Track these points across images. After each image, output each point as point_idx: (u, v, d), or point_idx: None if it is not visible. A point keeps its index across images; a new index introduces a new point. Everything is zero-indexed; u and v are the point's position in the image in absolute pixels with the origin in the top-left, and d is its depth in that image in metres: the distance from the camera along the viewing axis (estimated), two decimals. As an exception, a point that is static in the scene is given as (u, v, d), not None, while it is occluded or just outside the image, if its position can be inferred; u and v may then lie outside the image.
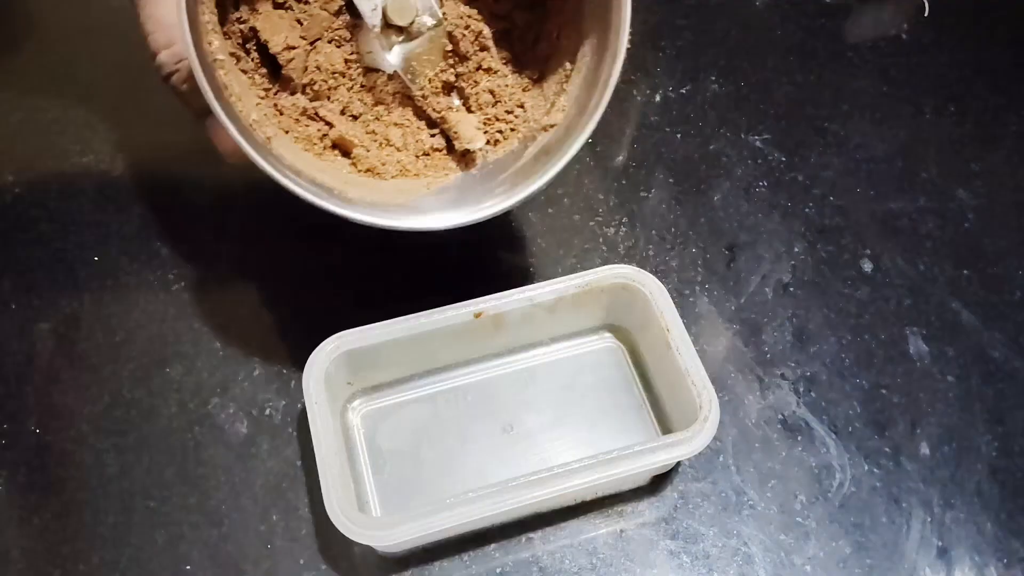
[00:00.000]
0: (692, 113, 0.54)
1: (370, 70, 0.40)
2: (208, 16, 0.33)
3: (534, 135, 0.40)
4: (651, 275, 0.40)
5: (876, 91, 0.56)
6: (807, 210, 0.50)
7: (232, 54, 0.36)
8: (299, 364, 0.37)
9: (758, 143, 0.53)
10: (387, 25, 0.38)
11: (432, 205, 0.38)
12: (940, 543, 0.38)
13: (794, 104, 0.55)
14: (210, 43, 0.33)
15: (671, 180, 0.51)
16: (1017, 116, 0.55)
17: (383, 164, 0.40)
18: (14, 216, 0.48)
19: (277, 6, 0.38)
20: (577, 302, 0.41)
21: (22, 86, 0.54)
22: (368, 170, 0.40)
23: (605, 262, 0.45)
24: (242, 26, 0.37)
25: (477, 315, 0.39)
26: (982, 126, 0.54)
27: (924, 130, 0.54)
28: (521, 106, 0.41)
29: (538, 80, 0.41)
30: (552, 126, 0.39)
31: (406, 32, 0.38)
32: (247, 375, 0.42)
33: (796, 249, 0.48)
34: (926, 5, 0.61)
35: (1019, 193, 0.51)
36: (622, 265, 0.41)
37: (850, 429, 0.41)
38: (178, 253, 0.46)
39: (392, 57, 0.39)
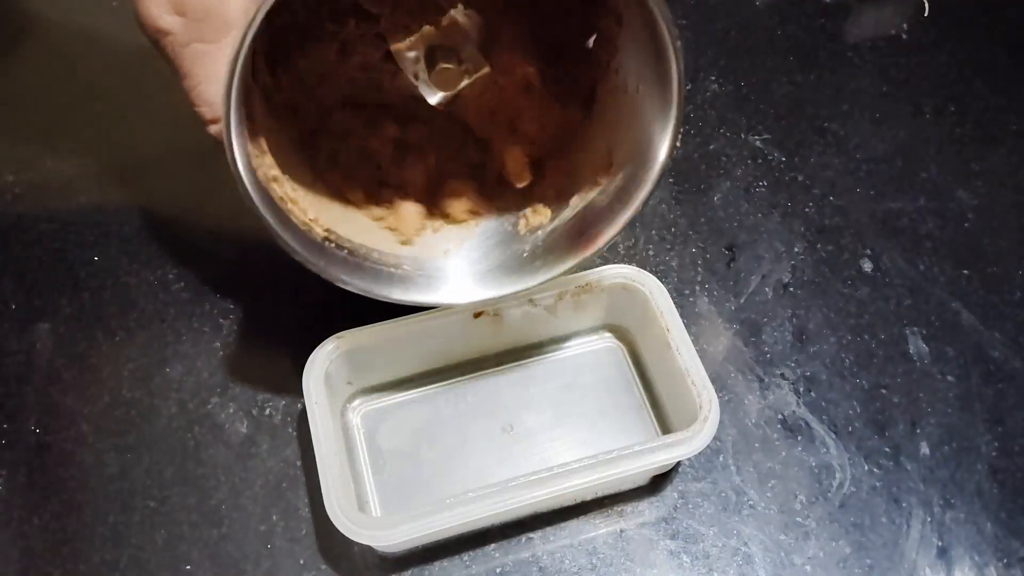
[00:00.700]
0: (692, 113, 0.54)
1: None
2: (254, 149, 0.32)
3: (581, 185, 0.38)
4: (651, 275, 0.40)
5: (876, 91, 0.56)
6: (807, 210, 0.50)
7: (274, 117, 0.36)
8: (299, 364, 0.37)
9: (758, 143, 0.53)
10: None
11: (469, 263, 0.39)
12: (940, 543, 0.38)
13: (794, 104, 0.55)
14: (260, 165, 0.33)
15: (671, 180, 0.51)
16: (1017, 116, 0.55)
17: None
18: (14, 216, 0.48)
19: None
20: (577, 302, 0.41)
21: (21, 86, 0.54)
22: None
23: (605, 262, 0.45)
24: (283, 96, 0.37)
25: (477, 315, 0.39)
26: (982, 126, 0.54)
27: (924, 130, 0.54)
28: (563, 134, 0.40)
29: (586, 108, 0.40)
30: (597, 187, 0.37)
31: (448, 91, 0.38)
32: (247, 375, 0.42)
33: (796, 249, 0.48)
34: (926, 5, 0.61)
35: (1019, 193, 0.51)
36: (622, 265, 0.41)
37: (850, 429, 0.41)
38: (178, 253, 0.46)
39: (434, 99, 0.38)
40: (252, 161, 0.32)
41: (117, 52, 0.55)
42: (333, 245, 0.36)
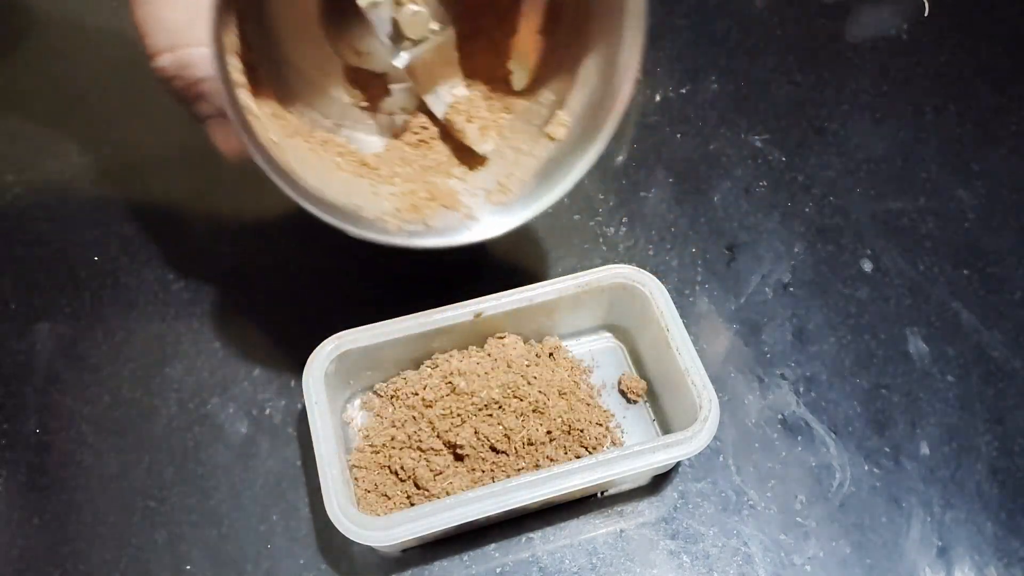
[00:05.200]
0: (692, 113, 0.54)
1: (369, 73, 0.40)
2: (231, 38, 0.32)
3: (531, 147, 0.39)
4: (651, 275, 0.40)
5: (876, 91, 0.56)
6: (807, 210, 0.50)
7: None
8: (299, 364, 0.37)
9: (758, 143, 0.53)
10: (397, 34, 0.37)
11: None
12: (940, 543, 0.38)
13: (794, 104, 0.55)
14: (231, 64, 0.32)
15: (671, 180, 0.51)
16: (1017, 116, 0.55)
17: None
18: (14, 216, 0.48)
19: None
20: (577, 302, 0.41)
21: (21, 86, 0.54)
22: (362, 163, 0.40)
23: (605, 262, 0.45)
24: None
25: (477, 315, 0.39)
26: (982, 126, 0.54)
27: (924, 130, 0.54)
28: (509, 110, 0.41)
29: (531, 87, 0.40)
30: (551, 138, 0.39)
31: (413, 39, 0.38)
32: (247, 375, 0.42)
33: (796, 249, 0.48)
34: (926, 5, 0.61)
35: (1019, 193, 0.51)
36: (622, 265, 0.41)
37: (850, 429, 0.41)
38: (178, 253, 0.46)
39: (398, 62, 0.38)
40: (227, 58, 0.31)
41: (117, 51, 0.55)
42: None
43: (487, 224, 0.38)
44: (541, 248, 0.47)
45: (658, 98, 0.55)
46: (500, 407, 0.37)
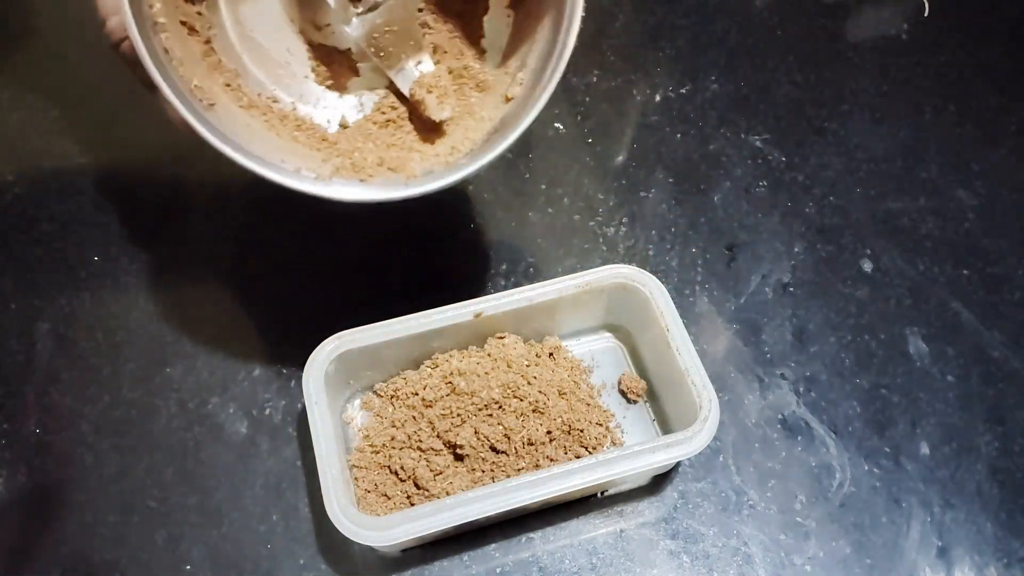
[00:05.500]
0: (692, 113, 0.54)
1: (327, 47, 0.39)
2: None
3: (491, 113, 0.39)
4: (651, 275, 0.40)
5: (876, 91, 0.56)
6: (807, 210, 0.50)
7: (184, 23, 0.35)
8: (299, 364, 0.37)
9: (758, 143, 0.53)
10: None
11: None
12: (940, 543, 0.38)
13: (794, 104, 0.55)
14: (151, 6, 0.32)
15: (671, 180, 0.51)
16: (1017, 116, 0.55)
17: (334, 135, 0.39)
18: (14, 216, 0.48)
19: None
20: (577, 302, 0.41)
21: (22, 86, 0.54)
22: (322, 139, 0.39)
23: (605, 262, 0.45)
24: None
25: (477, 315, 0.39)
26: (982, 126, 0.54)
27: (924, 130, 0.54)
28: (480, 86, 0.40)
29: (501, 62, 0.40)
30: (509, 99, 0.38)
31: (364, 2, 0.37)
32: (247, 375, 0.42)
33: (796, 249, 0.48)
34: (926, 5, 0.61)
35: (1019, 193, 0.51)
36: (622, 265, 0.41)
37: (850, 429, 0.41)
38: (178, 253, 0.46)
39: (352, 30, 0.38)
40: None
41: (117, 52, 0.55)
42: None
43: (425, 182, 0.36)
44: (541, 248, 0.47)
45: (658, 98, 0.55)
46: (500, 407, 0.37)
